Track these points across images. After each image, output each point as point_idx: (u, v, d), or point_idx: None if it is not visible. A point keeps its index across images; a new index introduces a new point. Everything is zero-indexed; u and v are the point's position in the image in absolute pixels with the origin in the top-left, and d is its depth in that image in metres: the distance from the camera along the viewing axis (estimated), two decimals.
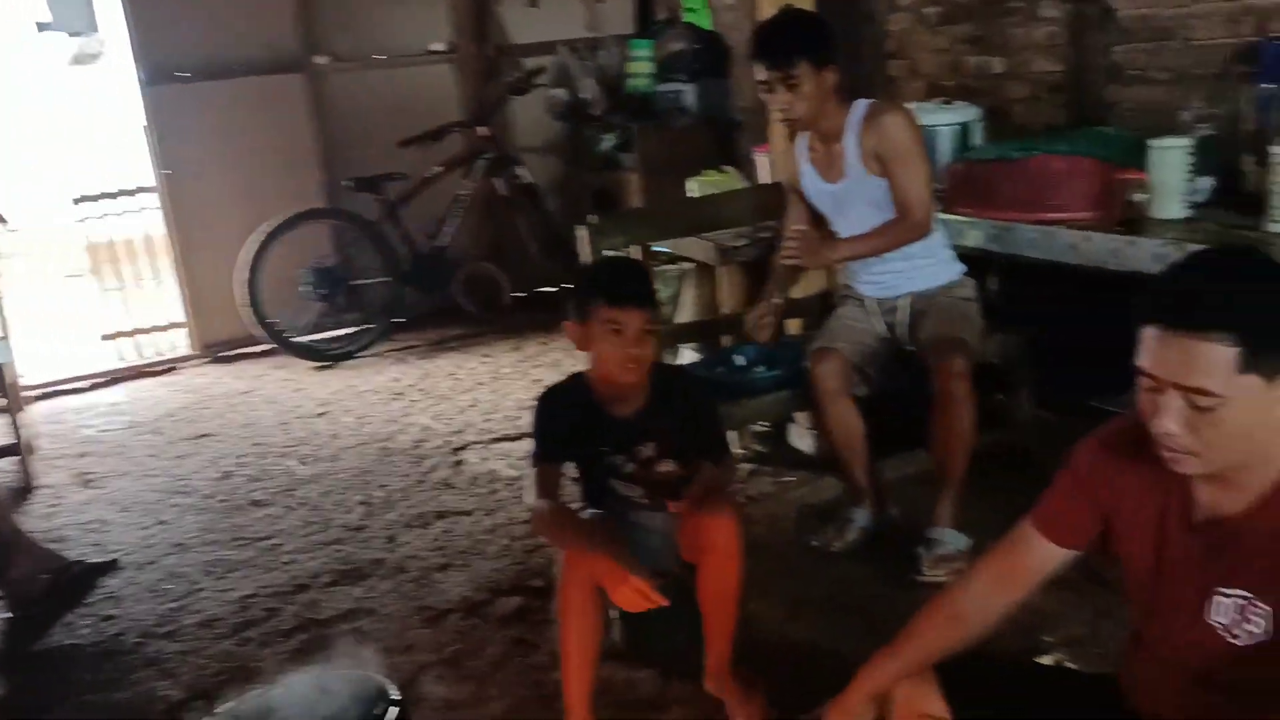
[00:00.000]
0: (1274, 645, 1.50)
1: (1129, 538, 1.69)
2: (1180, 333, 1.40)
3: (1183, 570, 1.60)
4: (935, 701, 1.86)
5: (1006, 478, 3.29)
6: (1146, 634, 1.75)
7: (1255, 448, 1.47)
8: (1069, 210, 3.42)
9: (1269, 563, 1.49)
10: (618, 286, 2.37)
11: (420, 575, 3.18)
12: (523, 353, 5.40)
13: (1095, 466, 1.72)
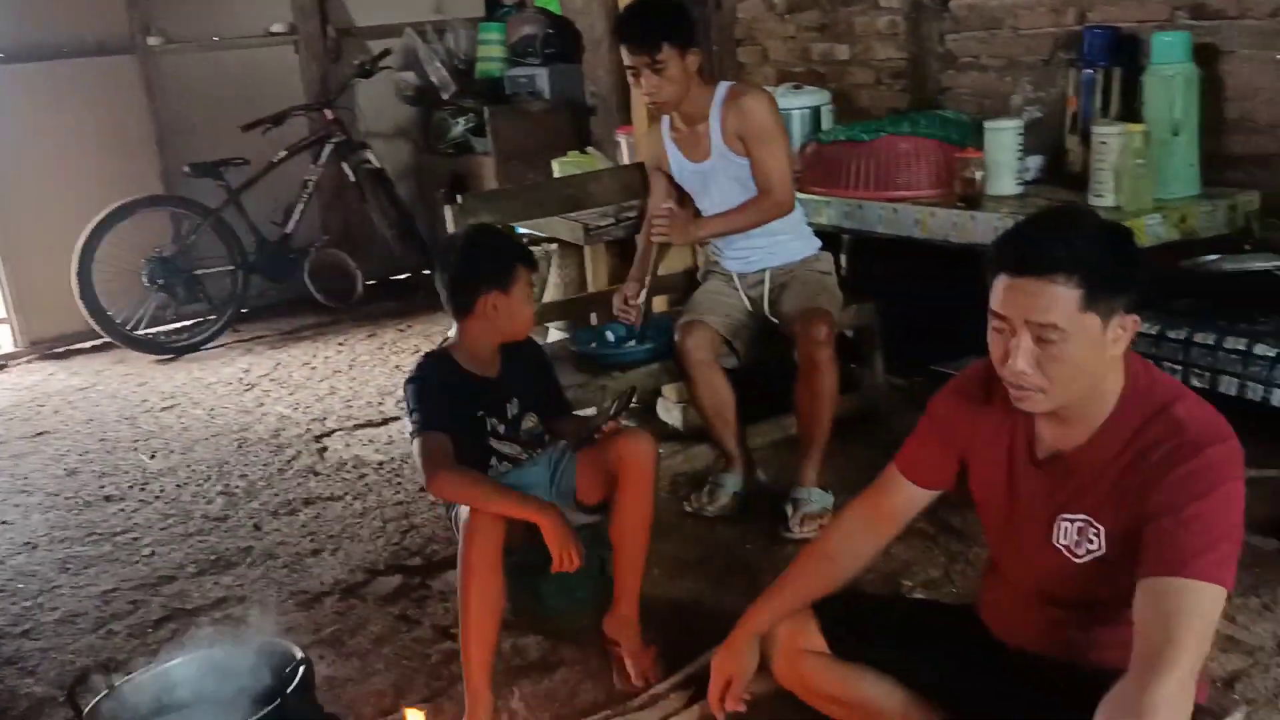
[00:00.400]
0: (1107, 559, 1.69)
1: (982, 475, 1.86)
2: (1029, 277, 1.56)
3: (1030, 501, 1.78)
4: (814, 637, 2.00)
5: (862, 439, 3.50)
6: (1001, 561, 1.92)
7: (1091, 385, 1.64)
8: (914, 188, 3.64)
9: (1102, 488, 1.67)
10: (528, 252, 2.51)
11: (292, 561, 3.12)
12: (380, 340, 5.32)
13: (950, 413, 1.90)
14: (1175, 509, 1.54)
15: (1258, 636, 2.42)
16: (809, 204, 3.63)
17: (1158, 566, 1.52)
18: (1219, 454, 1.58)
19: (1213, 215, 3.19)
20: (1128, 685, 1.44)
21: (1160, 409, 1.64)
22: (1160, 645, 1.44)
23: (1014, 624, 1.90)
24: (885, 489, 1.99)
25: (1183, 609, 1.47)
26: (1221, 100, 3.34)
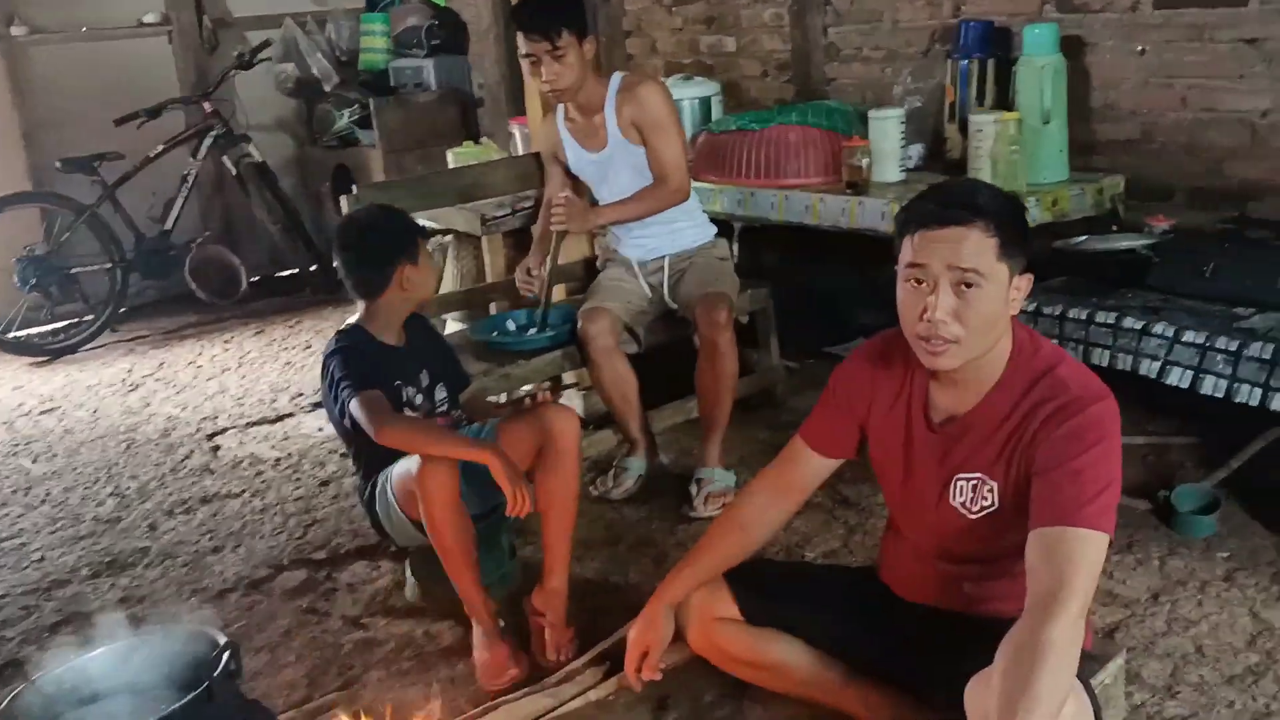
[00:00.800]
0: (1000, 513, 1.80)
1: (881, 442, 1.96)
2: (952, 226, 1.67)
3: (926, 463, 1.88)
4: (727, 605, 2.08)
5: (760, 420, 3.61)
6: (900, 522, 2.03)
7: (993, 342, 1.75)
8: (803, 176, 3.75)
9: (994, 447, 1.79)
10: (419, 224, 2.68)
11: (191, 560, 3.06)
12: (268, 336, 5.22)
13: (850, 384, 1.99)
14: (1062, 462, 1.66)
15: (1134, 590, 2.59)
16: (702, 192, 3.71)
17: (1047, 517, 1.63)
18: (1100, 411, 1.71)
19: (1082, 198, 3.38)
20: (1025, 625, 1.54)
21: (1045, 371, 1.77)
22: (1053, 588, 1.55)
23: (913, 581, 2.01)
24: (791, 460, 2.07)
25: (1072, 556, 1.58)
26: (1087, 89, 3.54)
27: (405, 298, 2.55)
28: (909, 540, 2.00)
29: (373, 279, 2.51)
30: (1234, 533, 2.79)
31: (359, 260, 2.52)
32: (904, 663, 1.97)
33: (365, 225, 2.59)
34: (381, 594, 2.82)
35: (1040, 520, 1.64)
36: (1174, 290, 2.92)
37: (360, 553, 3.04)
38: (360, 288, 2.54)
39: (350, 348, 2.46)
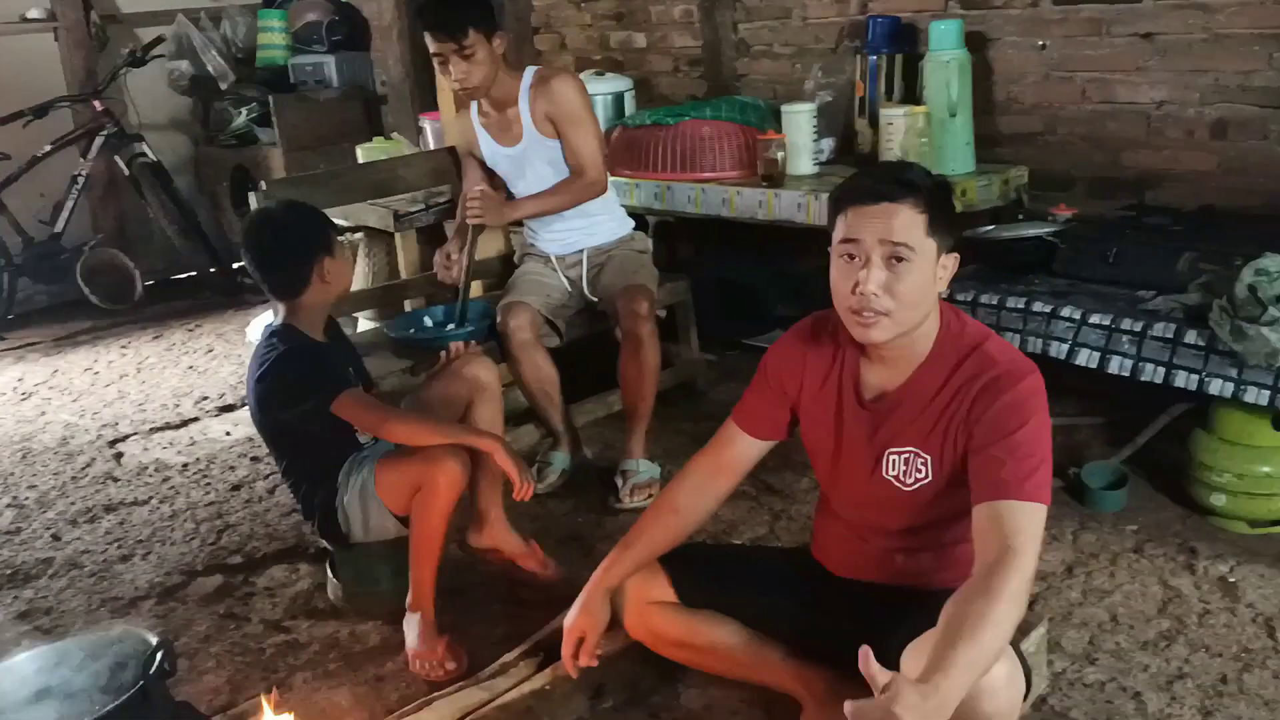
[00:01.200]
0: (934, 484, 1.85)
1: (813, 421, 1.99)
2: (885, 202, 1.71)
3: (859, 440, 1.92)
4: (663, 589, 2.08)
5: (682, 412, 3.63)
6: (833, 499, 2.05)
7: (922, 318, 1.79)
8: (719, 169, 3.79)
9: (927, 421, 1.83)
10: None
11: (100, 569, 2.93)
12: (167, 341, 5.04)
13: (780, 366, 2.02)
14: (1001, 437, 1.71)
15: (1050, 564, 2.67)
16: (618, 186, 3.72)
17: (992, 491, 1.68)
18: (1031, 385, 1.76)
19: (989, 189, 3.48)
20: (975, 582, 1.58)
21: (973, 347, 1.82)
22: (1002, 557, 1.59)
23: (846, 557, 2.04)
24: (724, 443, 2.08)
25: (1018, 527, 1.63)
26: (991, 83, 3.65)
27: (326, 292, 2.48)
28: (842, 517, 2.03)
29: (294, 276, 2.43)
30: (1141, 506, 2.91)
31: (278, 259, 2.44)
32: (839, 638, 1.99)
33: (281, 222, 2.49)
34: (302, 597, 2.74)
35: (985, 495, 1.68)
36: (1079, 275, 3.03)
37: (278, 556, 2.95)
38: (280, 287, 2.46)
39: (303, 348, 2.41)
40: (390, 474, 2.41)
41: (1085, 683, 2.23)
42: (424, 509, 2.34)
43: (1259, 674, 2.23)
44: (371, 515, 2.45)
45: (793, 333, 2.04)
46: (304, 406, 2.38)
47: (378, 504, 2.43)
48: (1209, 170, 3.26)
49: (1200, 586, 2.54)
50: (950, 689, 1.43)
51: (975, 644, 1.48)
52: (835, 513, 2.05)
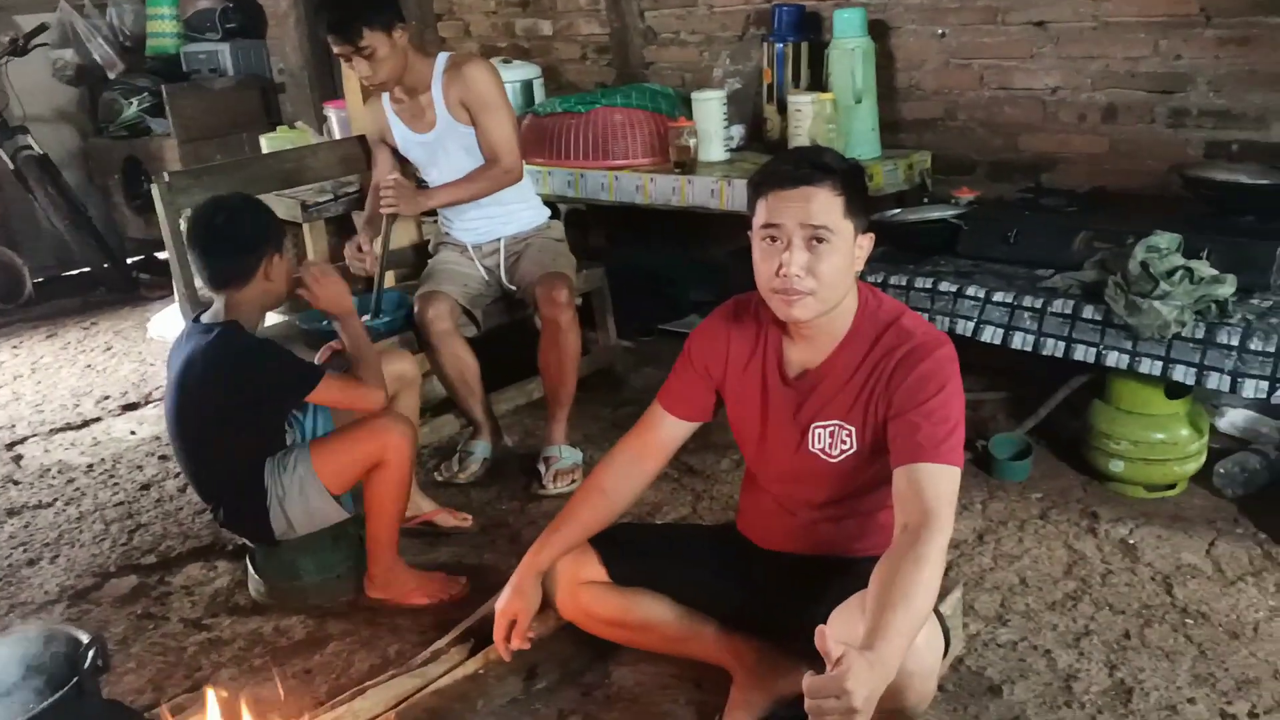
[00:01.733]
0: (860, 454, 1.92)
1: (738, 399, 2.04)
2: (803, 186, 1.76)
3: (784, 416, 1.97)
4: (594, 568, 2.11)
5: (601, 399, 3.66)
6: (760, 475, 2.10)
7: (842, 296, 1.85)
8: (631, 157, 3.82)
9: (849, 394, 1.90)
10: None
11: (5, 574, 2.83)
12: (62, 340, 4.86)
13: (704, 349, 2.06)
14: (917, 404, 1.78)
15: (961, 533, 2.77)
16: (531, 174, 3.70)
17: (910, 455, 1.75)
18: (945, 355, 1.84)
19: (894, 173, 3.58)
20: (899, 546, 1.64)
21: (890, 322, 1.89)
22: (923, 517, 1.66)
23: (771, 530, 2.10)
24: (651, 426, 2.12)
25: (936, 491, 1.71)
26: (894, 70, 3.74)
27: (266, 291, 2.45)
28: (769, 492, 2.09)
29: (241, 267, 2.39)
30: (1045, 475, 3.03)
31: (226, 246, 2.39)
32: (766, 609, 2.05)
33: (234, 209, 2.44)
34: (222, 594, 2.70)
35: (903, 459, 1.75)
36: (982, 255, 3.13)
37: (193, 555, 2.89)
38: (223, 277, 2.41)
39: (268, 341, 2.45)
40: (333, 458, 2.41)
41: (999, 643, 2.33)
42: (385, 477, 2.42)
43: (1159, 628, 2.35)
44: (313, 505, 2.43)
45: (715, 315, 2.08)
46: (287, 395, 2.41)
47: (319, 491, 2.41)
48: (1101, 153, 3.40)
49: (1102, 549, 2.67)
50: (891, 654, 1.49)
51: (909, 609, 1.55)
52: (762, 488, 2.10)
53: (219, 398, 2.36)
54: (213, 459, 2.44)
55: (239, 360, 2.35)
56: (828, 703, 1.41)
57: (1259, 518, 2.74)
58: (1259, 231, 2.81)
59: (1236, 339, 2.56)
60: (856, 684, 1.40)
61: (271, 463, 2.43)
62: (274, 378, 2.38)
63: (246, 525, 2.49)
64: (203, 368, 2.35)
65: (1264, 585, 2.48)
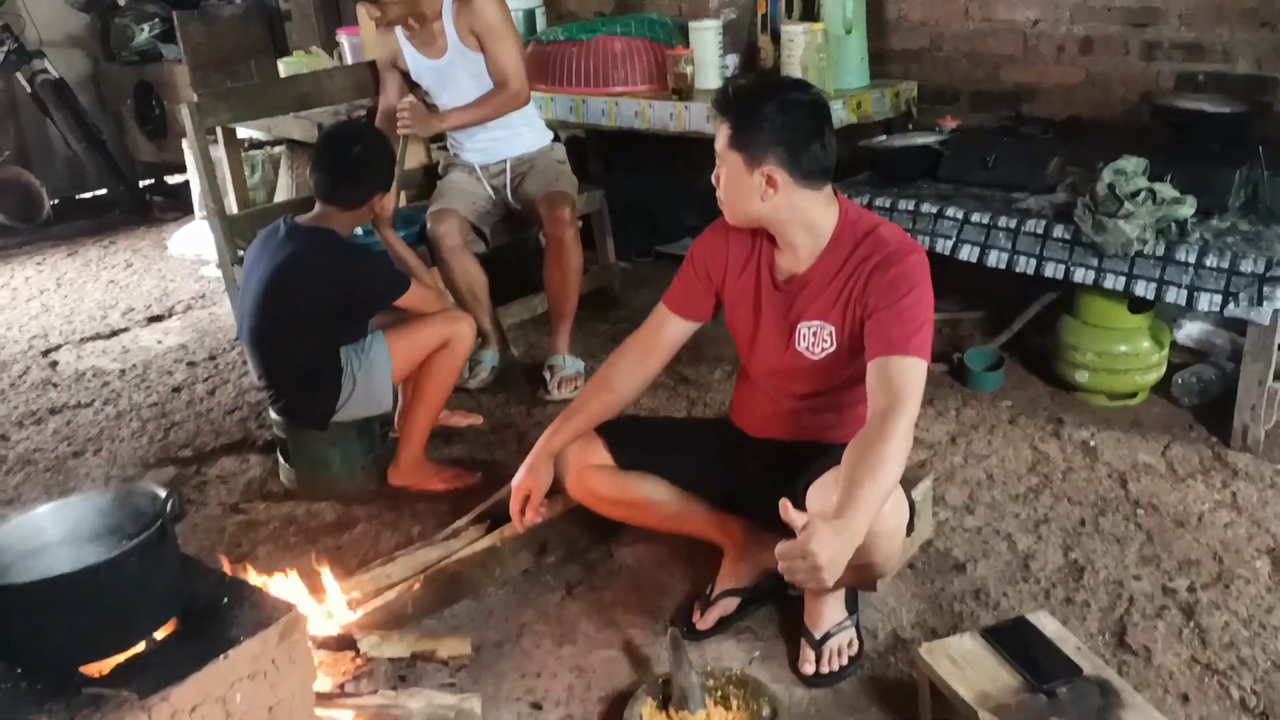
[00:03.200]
0: (837, 352, 2.11)
1: (735, 301, 2.24)
2: (718, 117, 2.02)
3: (774, 317, 2.17)
4: (600, 454, 2.32)
5: (600, 316, 3.87)
6: (751, 369, 2.31)
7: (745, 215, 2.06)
8: (630, 84, 3.97)
9: (830, 297, 2.09)
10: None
11: (53, 465, 3.07)
12: (83, 258, 5.06)
13: (705, 253, 2.26)
14: (890, 304, 1.98)
15: (935, 435, 3.01)
16: (535, 100, 3.87)
17: (882, 349, 1.95)
18: (916, 261, 2.04)
19: (881, 101, 3.75)
20: (870, 428, 1.86)
21: (868, 232, 2.08)
22: (891, 402, 1.87)
23: (761, 419, 2.31)
24: (656, 326, 2.31)
25: (904, 378, 1.91)
26: (883, 2, 3.89)
27: (362, 216, 2.73)
28: (758, 385, 2.30)
29: (357, 195, 2.69)
30: (1016, 386, 3.26)
31: (353, 177, 2.69)
32: (755, 490, 2.27)
33: (371, 146, 2.75)
34: (255, 483, 2.93)
35: (876, 352, 1.95)
36: (962, 180, 3.33)
37: (226, 449, 3.12)
38: (339, 196, 2.69)
39: (368, 247, 2.78)
40: (406, 340, 2.71)
41: (965, 528, 2.57)
42: (446, 362, 2.74)
43: (1112, 517, 2.59)
44: (374, 387, 2.69)
45: (716, 226, 2.25)
46: (386, 290, 2.69)
47: (384, 375, 2.68)
48: (1077, 83, 3.57)
49: (1065, 450, 2.90)
50: (857, 522, 1.71)
51: (875, 482, 1.76)
52: (753, 381, 2.32)
53: (326, 290, 2.60)
54: (296, 346, 2.64)
55: (348, 261, 2.65)
56: (796, 564, 1.65)
57: (1212, 424, 2.96)
58: (1220, 157, 3.01)
59: (1194, 256, 2.76)
60: (819, 546, 1.63)
61: (347, 350, 2.68)
62: (374, 279, 2.67)
63: (308, 409, 2.71)
64: (312, 263, 2.60)
65: (1212, 482, 2.72)
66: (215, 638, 1.61)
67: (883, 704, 2.02)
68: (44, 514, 1.67)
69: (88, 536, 1.67)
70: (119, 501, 1.71)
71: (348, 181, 2.68)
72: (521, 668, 2.16)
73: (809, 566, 1.64)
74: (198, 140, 3.30)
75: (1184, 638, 2.16)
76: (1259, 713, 1.96)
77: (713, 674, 2.04)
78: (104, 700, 1.50)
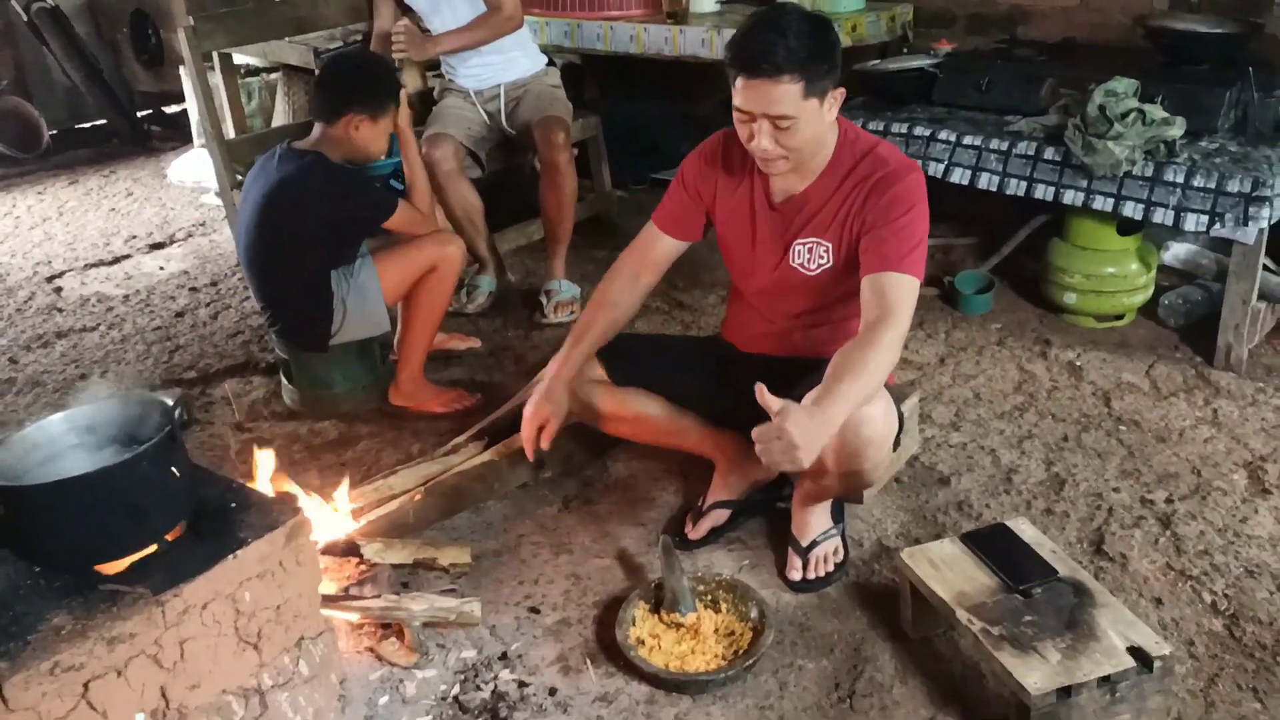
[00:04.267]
0: (833, 269, 2.15)
1: (727, 222, 2.26)
2: (762, 79, 1.93)
3: (769, 236, 2.20)
4: (595, 370, 2.37)
5: (596, 243, 3.90)
6: (744, 287, 2.34)
7: (817, 145, 2.07)
8: (625, 8, 3.97)
9: (829, 214, 2.11)
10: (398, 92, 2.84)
11: (61, 386, 3.13)
12: (84, 187, 5.08)
13: (696, 173, 2.27)
14: (887, 221, 2.01)
15: (924, 356, 3.07)
16: (529, 25, 3.86)
17: (877, 265, 1.98)
18: (914, 180, 2.06)
19: (877, 24, 3.75)
20: (860, 336, 1.91)
21: (867, 151, 2.10)
22: (882, 315, 1.91)
23: (752, 336, 2.36)
24: (648, 244, 2.33)
25: (896, 293, 1.95)
26: None
27: (350, 139, 2.71)
28: (750, 302, 2.34)
29: (328, 108, 2.70)
30: (1005, 309, 3.31)
31: (326, 89, 2.72)
32: (746, 404, 2.33)
33: (351, 64, 2.81)
34: (259, 403, 2.99)
35: (871, 268, 1.99)
36: (956, 103, 3.34)
37: (230, 371, 3.19)
38: (315, 107, 2.75)
39: (347, 171, 2.71)
40: (395, 264, 2.74)
41: (950, 444, 2.64)
42: (437, 284, 2.77)
43: (1094, 433, 2.66)
44: (369, 308, 2.74)
45: (708, 145, 2.27)
46: (373, 213, 2.71)
47: (377, 296, 2.72)
48: (1072, 6, 3.57)
49: (1051, 370, 2.97)
50: (834, 413, 1.76)
51: (855, 380, 1.81)
52: (745, 299, 2.36)
53: (313, 213, 2.63)
54: (288, 269, 2.68)
55: (334, 183, 2.65)
56: (773, 444, 1.70)
57: (1197, 344, 3.03)
58: (1211, 78, 3.02)
59: (1181, 176, 2.80)
60: (794, 426, 1.68)
61: (337, 274, 2.71)
62: (363, 200, 2.70)
63: (305, 332, 2.76)
64: (299, 186, 2.62)
65: (1194, 400, 2.79)
66: (225, 539, 1.69)
67: (866, 607, 2.11)
68: (57, 421, 1.74)
69: (100, 442, 1.74)
70: (129, 409, 1.78)
71: (320, 93, 2.74)
72: (520, 575, 2.24)
73: (784, 445, 1.68)
74: (194, 65, 3.31)
75: (1160, 546, 2.24)
76: (1229, 615, 2.04)
77: (703, 579, 2.12)
78: (120, 596, 1.58)
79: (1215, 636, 1.99)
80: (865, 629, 2.05)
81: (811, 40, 1.94)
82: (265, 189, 2.64)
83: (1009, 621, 1.81)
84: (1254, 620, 2.02)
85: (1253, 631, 2.00)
